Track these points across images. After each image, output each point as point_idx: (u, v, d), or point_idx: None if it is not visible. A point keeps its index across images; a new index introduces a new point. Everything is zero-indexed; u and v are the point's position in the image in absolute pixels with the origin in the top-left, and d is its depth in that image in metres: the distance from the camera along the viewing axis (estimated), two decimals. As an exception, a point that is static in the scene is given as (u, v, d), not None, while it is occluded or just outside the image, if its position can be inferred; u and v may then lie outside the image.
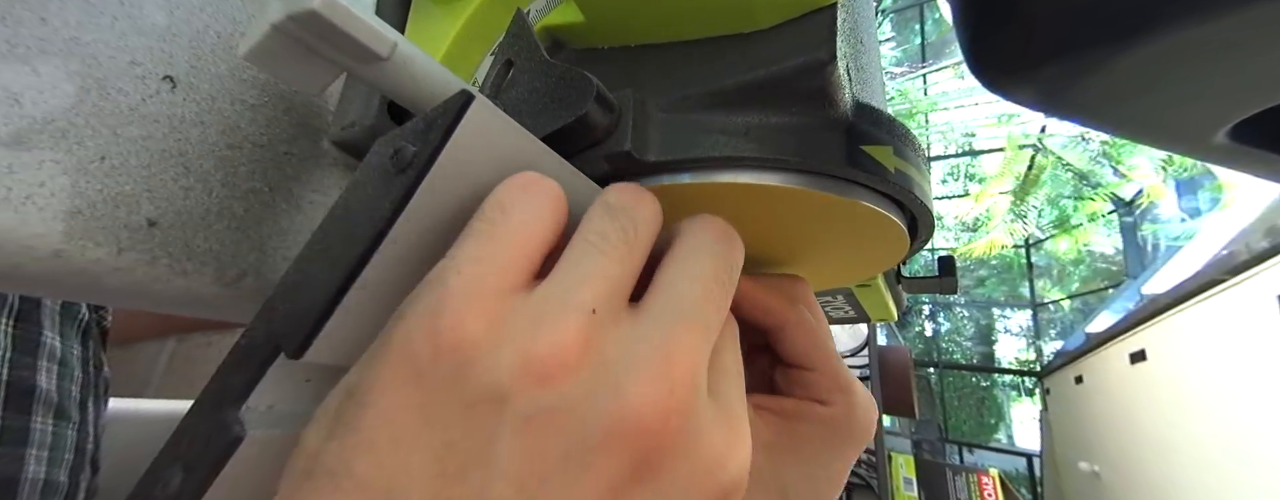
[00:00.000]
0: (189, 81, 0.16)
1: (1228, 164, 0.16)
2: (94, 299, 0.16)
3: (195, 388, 0.11)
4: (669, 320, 0.11)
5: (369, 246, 0.11)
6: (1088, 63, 0.13)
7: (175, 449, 0.11)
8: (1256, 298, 1.57)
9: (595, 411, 0.10)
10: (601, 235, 0.12)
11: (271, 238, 0.18)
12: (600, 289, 0.11)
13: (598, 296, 0.11)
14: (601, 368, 0.10)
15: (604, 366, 0.10)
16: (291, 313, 0.11)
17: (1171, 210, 3.80)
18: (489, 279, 0.10)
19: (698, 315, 0.11)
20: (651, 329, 0.11)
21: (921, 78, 4.51)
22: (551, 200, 0.12)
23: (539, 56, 0.15)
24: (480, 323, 0.10)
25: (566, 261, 0.11)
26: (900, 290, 0.45)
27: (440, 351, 0.10)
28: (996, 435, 5.90)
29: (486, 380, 0.10)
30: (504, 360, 0.10)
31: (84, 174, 0.14)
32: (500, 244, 0.11)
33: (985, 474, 2.00)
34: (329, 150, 0.20)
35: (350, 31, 0.12)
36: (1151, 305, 2.21)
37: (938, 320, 6.30)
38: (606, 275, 0.11)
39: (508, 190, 0.11)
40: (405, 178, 0.11)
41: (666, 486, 0.10)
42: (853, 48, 0.16)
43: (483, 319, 0.10)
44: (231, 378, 0.11)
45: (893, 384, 2.02)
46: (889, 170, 0.15)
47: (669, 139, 0.15)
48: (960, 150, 4.74)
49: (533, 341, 0.10)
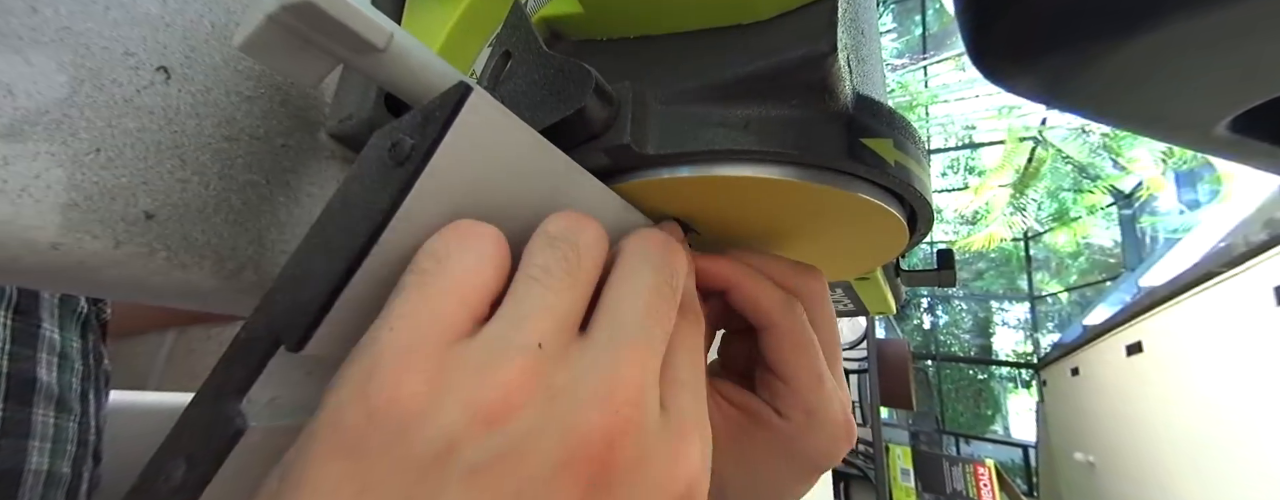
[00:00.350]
0: (184, 73, 0.16)
1: (1229, 156, 0.16)
2: (92, 292, 0.16)
3: (196, 381, 0.11)
4: (613, 345, 0.11)
5: (368, 240, 0.11)
6: (1090, 54, 0.13)
7: (177, 441, 0.11)
8: (1253, 290, 1.58)
9: (544, 446, 0.10)
10: (544, 269, 0.12)
11: (269, 231, 0.18)
12: (545, 325, 0.11)
13: (542, 333, 0.11)
14: (548, 402, 0.10)
15: (551, 400, 0.10)
16: (291, 305, 0.11)
17: (1171, 203, 3.80)
18: (424, 333, 0.10)
19: (641, 334, 0.12)
20: (597, 355, 0.11)
21: (922, 70, 4.49)
22: (491, 244, 0.11)
23: (537, 48, 0.15)
24: (418, 379, 0.10)
25: (510, 300, 0.11)
26: (899, 283, 0.46)
27: (374, 417, 0.09)
28: (993, 426, 5.95)
29: (431, 435, 0.09)
30: (450, 412, 0.09)
31: (79, 166, 0.14)
32: (435, 296, 0.10)
33: (981, 464, 2.02)
34: (326, 143, 0.20)
35: (346, 22, 0.12)
36: (1149, 298, 2.22)
37: (936, 313, 6.33)
38: (551, 309, 0.11)
39: (443, 239, 0.11)
40: (403, 171, 0.11)
41: None
42: (854, 39, 0.16)
43: (420, 375, 0.10)
44: (232, 370, 0.11)
45: (891, 376, 2.03)
46: (889, 163, 0.15)
47: (668, 132, 0.15)
48: (960, 143, 4.72)
49: (479, 387, 0.10)
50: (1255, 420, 1.57)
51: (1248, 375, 1.60)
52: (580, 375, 0.11)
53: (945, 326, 6.36)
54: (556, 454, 0.10)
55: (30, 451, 0.29)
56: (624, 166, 0.15)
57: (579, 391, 0.10)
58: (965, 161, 5.03)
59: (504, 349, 0.10)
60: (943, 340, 6.29)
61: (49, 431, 0.31)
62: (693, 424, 0.12)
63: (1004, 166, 4.08)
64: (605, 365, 0.11)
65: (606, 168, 0.15)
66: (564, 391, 0.10)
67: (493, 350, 0.10)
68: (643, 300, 0.12)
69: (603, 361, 0.11)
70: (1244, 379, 1.62)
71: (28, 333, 0.31)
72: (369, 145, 0.12)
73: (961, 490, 2.02)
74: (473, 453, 0.09)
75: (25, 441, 0.29)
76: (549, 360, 0.11)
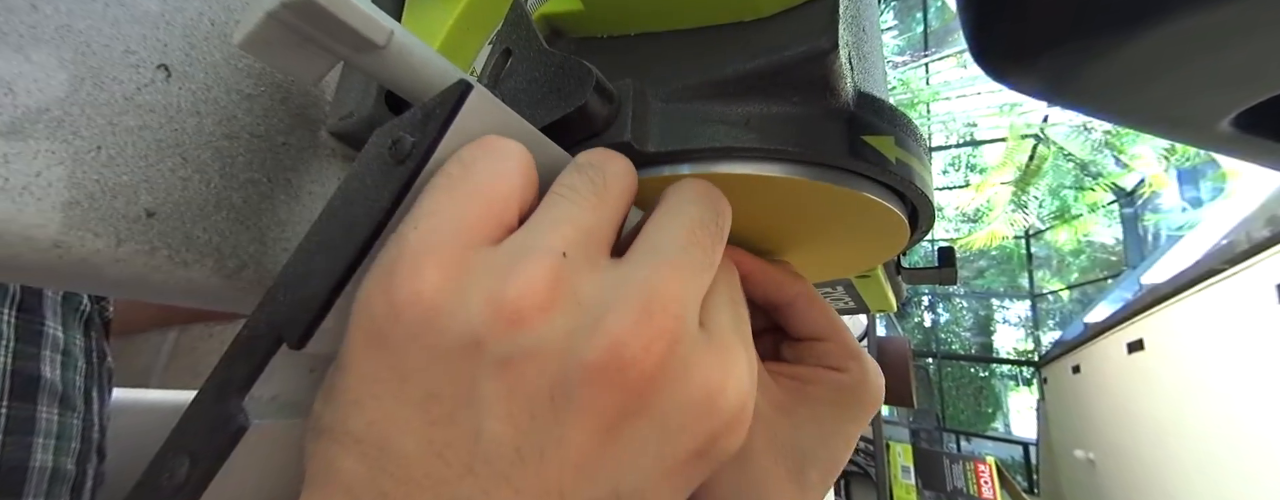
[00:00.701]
0: (184, 70, 0.16)
1: (1233, 153, 0.16)
2: (95, 290, 0.16)
3: (198, 378, 0.11)
4: (651, 262, 0.11)
5: (369, 238, 0.11)
6: (1092, 50, 0.13)
7: (181, 438, 0.11)
8: (1256, 287, 1.57)
9: (575, 348, 0.09)
10: (571, 187, 0.12)
11: (271, 229, 0.18)
12: (570, 234, 0.11)
13: (567, 240, 0.11)
14: (577, 307, 0.10)
15: (580, 306, 0.10)
16: (293, 303, 0.11)
17: (1173, 200, 3.79)
18: (447, 231, 0.10)
19: (683, 255, 0.11)
20: (632, 271, 0.11)
21: (924, 67, 4.47)
22: (517, 157, 0.11)
23: (538, 45, 0.15)
24: (437, 274, 0.10)
25: (536, 214, 0.11)
26: (900, 281, 0.45)
27: (397, 308, 0.10)
28: (994, 424, 5.95)
29: (457, 329, 0.09)
30: (473, 307, 0.10)
31: (81, 164, 0.14)
32: (461, 197, 0.10)
33: (982, 462, 2.02)
34: (327, 141, 0.20)
35: (346, 19, 0.12)
36: (1150, 295, 2.22)
37: (937, 311, 6.32)
38: (576, 221, 0.11)
39: (470, 148, 0.11)
40: (404, 169, 0.11)
41: (661, 418, 0.10)
42: (855, 36, 0.16)
43: (440, 270, 0.10)
44: (234, 368, 0.11)
45: (891, 374, 2.04)
46: (890, 161, 0.15)
47: (668, 129, 0.14)
48: (962, 140, 4.71)
49: (502, 285, 0.10)
50: (1257, 418, 1.57)
51: (1249, 373, 1.60)
52: (612, 286, 0.10)
53: (946, 324, 6.36)
54: (590, 358, 0.09)
55: (35, 448, 0.30)
56: (625, 164, 0.15)
57: (611, 300, 0.10)
58: (967, 159, 5.02)
59: (528, 251, 0.10)
60: (943, 338, 6.29)
61: (53, 428, 0.31)
62: (736, 345, 0.11)
63: (1005, 164, 4.07)
64: (641, 279, 0.10)
65: (607, 165, 0.15)
66: (594, 299, 0.10)
67: (515, 254, 0.10)
68: (686, 230, 0.12)
69: (638, 277, 0.10)
70: (1245, 377, 1.62)
71: (31, 330, 0.31)
72: (370, 143, 0.12)
73: (962, 487, 2.02)
74: (500, 346, 0.09)
75: (30, 438, 0.29)
76: (573, 269, 0.10)
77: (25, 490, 0.29)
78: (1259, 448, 1.56)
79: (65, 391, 0.32)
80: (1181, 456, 1.96)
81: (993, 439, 5.22)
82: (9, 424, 0.29)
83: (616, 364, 0.09)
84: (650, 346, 0.10)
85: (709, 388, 0.10)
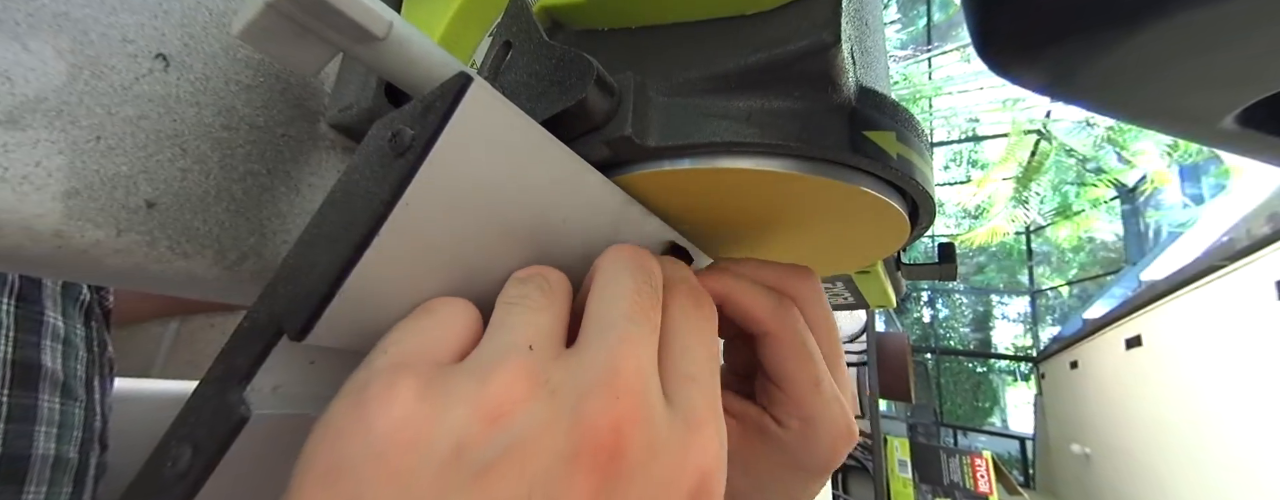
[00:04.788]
0: (182, 60, 0.16)
1: (1236, 150, 0.16)
2: (95, 280, 0.16)
3: (199, 369, 0.11)
4: (603, 341, 0.11)
5: (369, 230, 0.11)
6: (1096, 45, 0.13)
7: (182, 428, 0.11)
8: (1255, 284, 1.57)
9: (551, 438, 0.10)
10: (520, 295, 0.13)
11: (271, 220, 0.18)
12: (531, 332, 0.12)
13: (531, 338, 0.11)
14: (550, 396, 0.10)
15: (552, 394, 0.11)
16: (293, 296, 0.11)
17: (1175, 196, 3.78)
18: (415, 352, 0.11)
19: (629, 327, 0.12)
20: (591, 354, 0.11)
21: (926, 61, 4.44)
22: (466, 306, 0.12)
23: (538, 38, 0.15)
24: (413, 391, 0.10)
25: (493, 324, 0.12)
26: (900, 277, 0.46)
27: (373, 433, 0.09)
28: (991, 419, 5.99)
29: (444, 443, 0.10)
30: (456, 414, 0.10)
31: (80, 154, 0.14)
32: (425, 326, 0.11)
33: (978, 456, 2.03)
34: (326, 133, 0.20)
35: (345, 10, 0.12)
36: (1149, 291, 2.22)
37: (936, 306, 6.33)
38: (533, 322, 0.12)
39: (427, 303, 0.12)
40: (404, 161, 0.11)
41: (637, 494, 0.10)
42: (857, 30, 0.16)
43: (415, 386, 0.10)
44: (236, 359, 0.11)
45: (890, 369, 2.04)
46: (891, 156, 0.15)
47: (670, 123, 0.14)
48: (964, 136, 4.69)
49: (482, 387, 0.10)
50: (1253, 414, 1.58)
51: (1246, 369, 1.60)
52: (577, 369, 0.11)
53: (945, 320, 6.37)
54: (565, 445, 0.10)
55: (37, 437, 0.30)
56: (625, 158, 0.15)
57: (579, 383, 0.11)
58: (968, 154, 5.00)
59: (496, 354, 0.11)
60: (942, 333, 6.31)
61: (55, 417, 0.31)
62: (705, 415, 0.12)
63: (1007, 160, 4.05)
64: (600, 359, 0.11)
65: (607, 159, 0.15)
66: (564, 385, 0.11)
67: (484, 359, 0.11)
68: (625, 301, 0.12)
69: (597, 357, 0.11)
70: (1243, 373, 1.62)
71: (31, 319, 0.31)
72: (369, 135, 0.12)
73: (958, 481, 2.04)
74: (483, 449, 0.10)
75: (31, 427, 0.30)
76: (541, 361, 0.11)
77: (28, 478, 0.29)
78: (1255, 444, 1.57)
79: (66, 380, 0.32)
80: (1177, 452, 1.98)
81: (990, 434, 5.25)
82: (10, 413, 0.29)
83: (593, 447, 0.10)
84: (622, 429, 0.10)
85: (676, 461, 0.11)
